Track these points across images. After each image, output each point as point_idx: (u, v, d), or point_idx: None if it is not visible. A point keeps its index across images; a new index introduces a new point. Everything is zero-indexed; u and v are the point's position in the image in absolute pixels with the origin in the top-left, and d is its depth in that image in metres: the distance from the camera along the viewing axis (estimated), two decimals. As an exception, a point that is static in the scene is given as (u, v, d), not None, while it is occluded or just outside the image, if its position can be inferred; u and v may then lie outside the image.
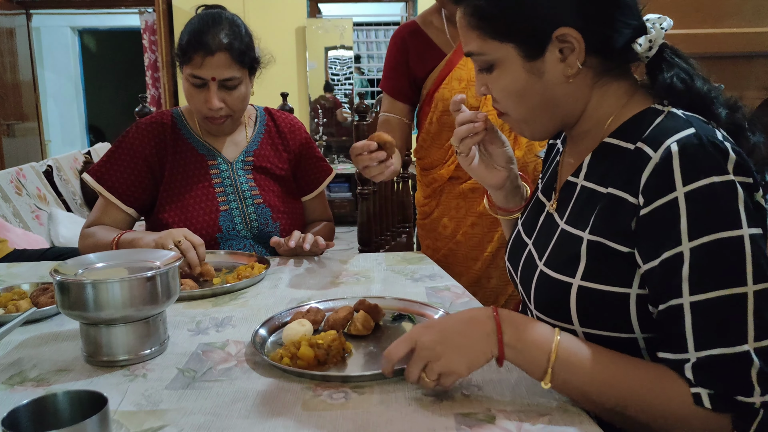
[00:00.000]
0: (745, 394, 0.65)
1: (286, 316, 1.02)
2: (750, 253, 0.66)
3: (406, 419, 0.72)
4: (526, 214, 0.99)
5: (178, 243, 1.25)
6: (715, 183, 0.67)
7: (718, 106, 0.77)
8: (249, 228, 1.53)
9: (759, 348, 0.65)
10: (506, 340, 0.73)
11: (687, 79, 0.78)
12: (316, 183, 1.68)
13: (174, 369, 0.86)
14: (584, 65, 0.80)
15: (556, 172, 0.95)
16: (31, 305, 1.08)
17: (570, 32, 0.77)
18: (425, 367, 0.74)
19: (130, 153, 1.50)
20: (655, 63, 0.81)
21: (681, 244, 0.68)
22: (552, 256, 0.84)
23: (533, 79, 0.81)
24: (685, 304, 0.68)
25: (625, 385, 0.70)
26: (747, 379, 0.65)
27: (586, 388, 0.71)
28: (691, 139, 0.70)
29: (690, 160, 0.69)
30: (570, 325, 0.79)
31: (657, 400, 0.68)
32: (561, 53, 0.79)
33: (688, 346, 0.67)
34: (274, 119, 1.66)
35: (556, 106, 0.83)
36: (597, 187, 0.80)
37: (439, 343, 0.73)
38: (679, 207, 0.69)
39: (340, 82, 6.03)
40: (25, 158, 4.71)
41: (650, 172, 0.71)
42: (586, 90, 0.82)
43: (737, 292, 0.66)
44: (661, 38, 0.80)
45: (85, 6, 6.04)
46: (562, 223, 0.84)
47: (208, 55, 1.38)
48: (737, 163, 0.69)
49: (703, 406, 0.66)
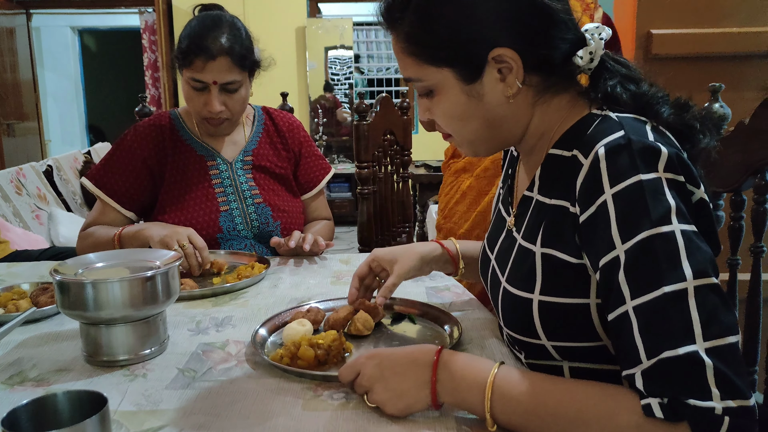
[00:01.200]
0: (700, 398, 0.58)
1: (286, 316, 1.02)
2: (684, 248, 0.63)
3: (406, 419, 0.72)
4: (490, 228, 0.99)
5: (183, 246, 1.26)
6: (642, 180, 0.66)
7: (662, 106, 0.75)
8: (250, 228, 1.53)
9: (711, 348, 0.60)
10: (440, 391, 0.71)
11: (629, 85, 0.77)
12: (315, 181, 1.69)
13: (174, 369, 0.86)
14: (524, 84, 0.79)
15: (510, 185, 0.95)
16: (31, 305, 1.08)
17: (506, 52, 0.76)
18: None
19: (129, 156, 1.50)
20: (598, 73, 0.80)
21: (615, 248, 0.66)
22: (512, 273, 0.83)
23: (473, 102, 0.80)
24: (629, 310, 0.64)
25: (569, 411, 0.65)
26: (700, 381, 0.59)
27: (529, 424, 0.67)
28: (618, 141, 0.69)
29: (616, 161, 0.68)
30: (538, 340, 0.78)
31: (605, 420, 0.63)
32: (500, 73, 0.78)
33: (641, 355, 0.62)
34: (272, 118, 1.67)
35: (499, 127, 0.83)
36: (545, 199, 0.80)
37: (377, 381, 0.73)
38: (608, 210, 0.67)
39: (340, 82, 6.03)
40: (25, 158, 4.72)
41: (582, 178, 0.71)
42: (527, 108, 0.82)
43: (677, 289, 0.62)
44: (601, 49, 0.79)
45: (85, 6, 6.04)
46: (519, 238, 0.84)
47: (209, 59, 1.38)
48: (668, 160, 0.67)
49: (655, 417, 0.60)
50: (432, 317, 1.03)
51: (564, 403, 0.66)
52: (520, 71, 0.77)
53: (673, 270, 0.63)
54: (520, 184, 0.91)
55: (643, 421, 0.61)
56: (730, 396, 0.58)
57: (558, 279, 0.75)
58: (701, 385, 0.59)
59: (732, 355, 0.60)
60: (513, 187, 0.94)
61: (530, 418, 0.67)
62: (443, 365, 0.72)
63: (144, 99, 1.90)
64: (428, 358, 0.73)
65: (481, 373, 0.70)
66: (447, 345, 0.91)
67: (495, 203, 1.02)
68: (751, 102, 1.15)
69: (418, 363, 0.73)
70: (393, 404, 0.72)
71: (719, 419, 0.58)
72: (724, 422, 0.58)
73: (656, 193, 0.66)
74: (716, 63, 1.70)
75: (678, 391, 0.60)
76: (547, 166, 0.82)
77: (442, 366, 0.72)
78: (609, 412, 0.63)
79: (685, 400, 0.59)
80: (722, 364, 0.59)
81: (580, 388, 0.67)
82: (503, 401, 0.68)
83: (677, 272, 0.62)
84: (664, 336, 0.62)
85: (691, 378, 0.59)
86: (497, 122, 0.82)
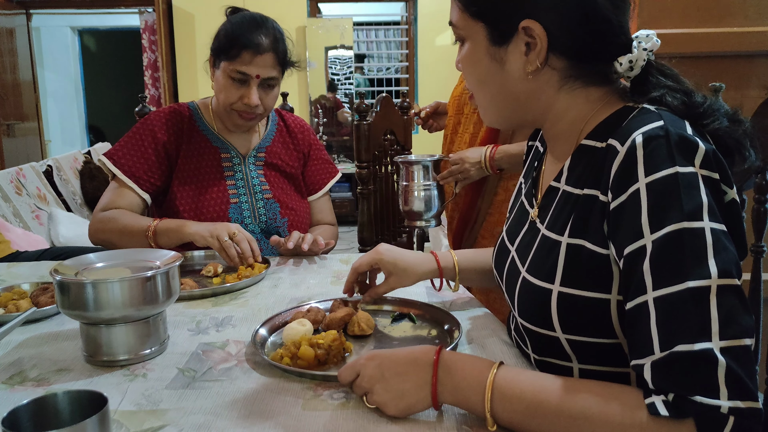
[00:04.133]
0: (707, 395, 0.58)
1: (286, 316, 1.02)
2: (712, 246, 0.63)
3: (406, 419, 0.72)
4: (511, 220, 0.98)
5: (233, 234, 1.30)
6: (679, 173, 0.65)
7: (718, 119, 0.74)
8: (257, 222, 1.56)
9: (726, 347, 0.59)
10: (441, 391, 0.71)
11: (676, 95, 0.76)
12: (321, 183, 1.73)
13: (174, 369, 0.86)
14: (547, 65, 0.79)
15: (535, 177, 0.94)
16: (31, 305, 1.08)
17: (535, 27, 0.76)
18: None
19: (149, 138, 1.52)
20: (640, 81, 0.79)
21: (643, 237, 0.66)
22: (533, 263, 0.83)
23: (495, 66, 0.81)
24: (649, 300, 0.64)
25: (572, 409, 0.64)
26: (710, 378, 0.59)
27: (530, 423, 0.66)
28: (656, 131, 0.68)
29: (653, 150, 0.67)
30: (553, 332, 0.77)
31: (608, 418, 0.62)
32: (526, 47, 0.78)
33: (654, 346, 0.62)
34: (284, 120, 1.72)
35: (516, 101, 0.83)
36: (574, 189, 0.79)
37: (378, 381, 0.73)
38: (641, 198, 0.67)
39: (341, 82, 6.03)
40: (25, 158, 4.71)
41: (617, 166, 0.70)
42: (550, 91, 0.81)
43: (700, 285, 0.62)
44: (643, 59, 0.78)
45: (85, 6, 6.03)
46: (543, 229, 0.83)
47: (257, 53, 1.44)
48: (706, 156, 0.67)
49: (660, 415, 0.59)
50: (432, 317, 1.03)
51: (566, 400, 0.65)
52: (543, 52, 0.77)
53: (698, 266, 0.62)
54: (546, 176, 0.90)
55: (648, 418, 0.61)
56: (739, 396, 0.58)
57: (581, 271, 0.75)
58: (711, 383, 0.59)
59: (745, 357, 0.60)
60: (538, 179, 0.93)
61: (531, 416, 0.66)
62: (443, 365, 0.72)
63: (144, 99, 1.90)
64: (428, 358, 0.73)
65: (481, 372, 0.70)
66: (447, 345, 0.91)
67: (515, 197, 1.01)
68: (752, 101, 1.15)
69: (418, 363, 0.73)
70: (394, 404, 0.72)
71: (724, 418, 0.57)
72: (729, 422, 0.57)
73: (691, 188, 0.65)
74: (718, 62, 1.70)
75: (686, 386, 0.59)
76: (578, 157, 0.81)
77: (442, 366, 0.72)
78: (612, 410, 0.63)
79: (692, 397, 0.59)
80: (735, 365, 0.59)
81: (583, 386, 0.67)
82: (504, 400, 0.67)
83: (702, 269, 0.62)
84: (680, 330, 0.61)
85: (702, 374, 0.59)
86: (514, 96, 0.83)
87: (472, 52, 0.83)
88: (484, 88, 0.85)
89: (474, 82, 0.86)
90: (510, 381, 0.69)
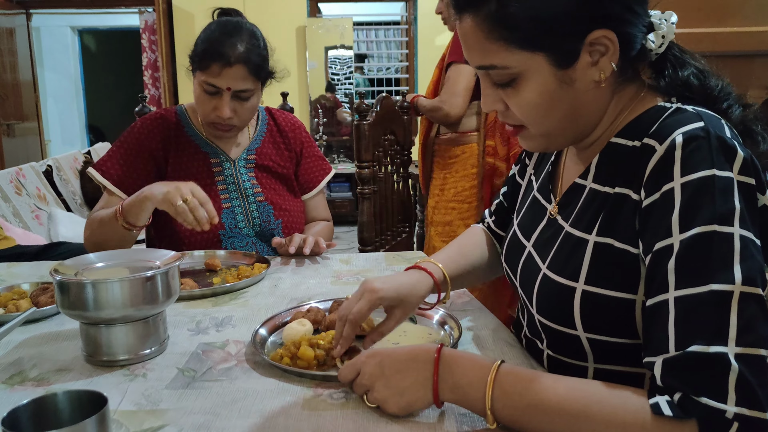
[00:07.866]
0: (714, 398, 0.58)
1: (286, 316, 1.02)
2: (739, 252, 0.62)
3: (406, 419, 0.72)
4: (523, 214, 0.96)
5: (186, 200, 1.25)
6: (716, 176, 0.65)
7: (733, 103, 0.74)
8: (251, 225, 1.54)
9: (741, 354, 0.59)
10: (442, 388, 0.71)
11: (701, 77, 0.76)
12: (315, 182, 1.70)
13: (174, 369, 0.86)
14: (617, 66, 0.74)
15: (552, 172, 0.93)
16: (31, 305, 1.08)
17: (606, 34, 0.71)
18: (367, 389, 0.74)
19: (136, 148, 1.51)
20: (662, 61, 0.78)
21: (672, 236, 0.65)
22: (555, 260, 0.81)
23: (564, 89, 0.74)
24: (670, 299, 0.64)
25: (573, 407, 0.64)
26: (721, 382, 0.58)
27: (531, 421, 0.66)
28: (697, 132, 0.67)
29: (693, 151, 0.66)
30: (574, 330, 0.77)
31: (610, 417, 0.62)
32: (591, 56, 0.73)
33: (669, 344, 0.62)
34: (275, 119, 1.68)
35: (580, 116, 0.78)
36: (604, 188, 0.78)
37: (378, 379, 0.73)
38: (674, 197, 0.66)
39: (341, 82, 6.03)
40: (25, 158, 4.71)
41: (654, 164, 0.69)
42: (609, 95, 0.78)
43: (724, 290, 0.61)
44: (672, 33, 0.76)
45: (85, 6, 6.03)
46: (567, 226, 0.82)
47: (226, 65, 1.38)
48: (744, 162, 0.66)
49: (663, 415, 0.59)
50: (432, 317, 1.03)
51: (568, 398, 0.65)
52: (617, 53, 0.73)
53: (724, 270, 0.62)
54: (568, 173, 0.88)
55: (650, 418, 0.60)
56: (747, 404, 0.58)
57: (608, 270, 0.74)
58: (720, 386, 0.58)
59: (760, 367, 0.59)
60: (554, 174, 0.92)
61: (532, 414, 0.66)
62: (444, 362, 0.72)
63: (144, 99, 1.90)
64: (429, 355, 0.73)
65: (482, 369, 0.70)
66: (447, 345, 0.91)
67: (524, 191, 1.00)
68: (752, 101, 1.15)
69: (419, 361, 0.73)
70: (394, 402, 0.71)
71: (728, 423, 0.57)
72: (732, 427, 0.57)
73: (726, 192, 0.65)
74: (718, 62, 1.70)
75: (694, 387, 0.59)
76: (607, 155, 0.79)
77: (443, 363, 0.72)
78: (614, 408, 0.62)
79: (698, 398, 0.58)
80: (748, 372, 0.58)
81: (584, 385, 0.66)
82: (505, 397, 0.67)
83: (728, 273, 0.62)
84: (697, 331, 0.61)
85: (712, 377, 0.59)
86: (580, 110, 0.77)
87: (534, 85, 0.74)
88: (548, 114, 0.76)
89: (537, 114, 0.77)
90: (511, 378, 0.68)
